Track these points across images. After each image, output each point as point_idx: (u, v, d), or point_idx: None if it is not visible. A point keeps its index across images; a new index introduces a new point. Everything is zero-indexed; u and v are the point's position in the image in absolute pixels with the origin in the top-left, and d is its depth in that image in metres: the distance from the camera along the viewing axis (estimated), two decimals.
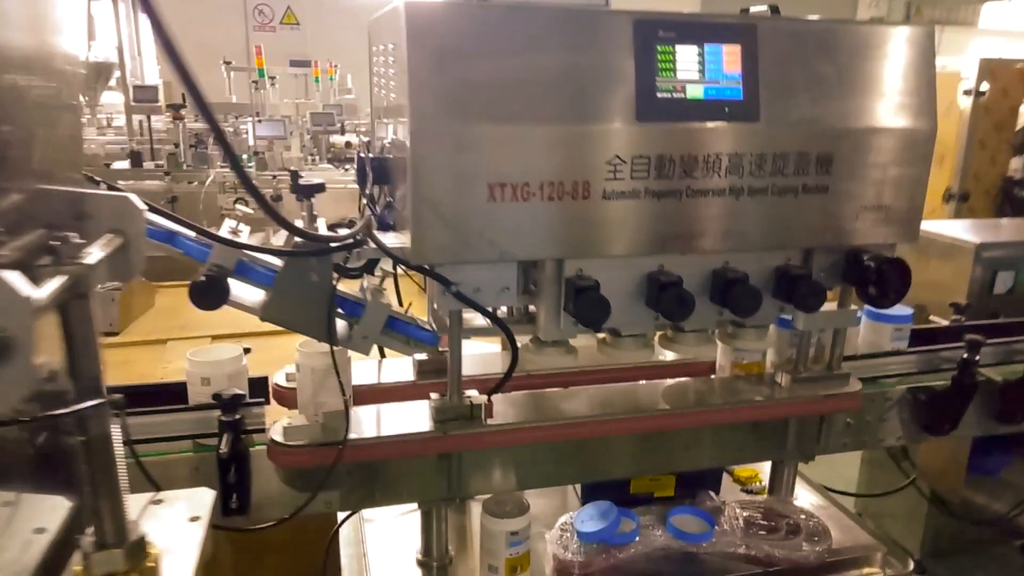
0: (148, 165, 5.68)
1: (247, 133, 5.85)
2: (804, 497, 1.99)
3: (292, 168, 4.92)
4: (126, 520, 0.81)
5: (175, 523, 0.96)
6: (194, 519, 0.98)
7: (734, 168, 1.37)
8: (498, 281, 1.37)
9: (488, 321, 1.40)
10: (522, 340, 1.49)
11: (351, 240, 1.34)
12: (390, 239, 1.37)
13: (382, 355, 1.82)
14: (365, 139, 1.74)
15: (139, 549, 0.83)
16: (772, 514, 1.80)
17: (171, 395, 1.55)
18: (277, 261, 1.35)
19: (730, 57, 1.34)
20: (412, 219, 1.25)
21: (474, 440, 1.45)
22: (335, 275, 1.37)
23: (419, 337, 1.51)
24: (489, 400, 1.46)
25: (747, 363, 1.76)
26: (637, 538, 1.71)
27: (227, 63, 7.98)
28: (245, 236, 1.39)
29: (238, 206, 4.63)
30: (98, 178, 1.16)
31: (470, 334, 1.47)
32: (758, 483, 2.05)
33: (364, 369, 1.78)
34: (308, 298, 1.36)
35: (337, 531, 1.83)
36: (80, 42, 1.01)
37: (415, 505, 1.66)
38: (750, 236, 1.43)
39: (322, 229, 1.44)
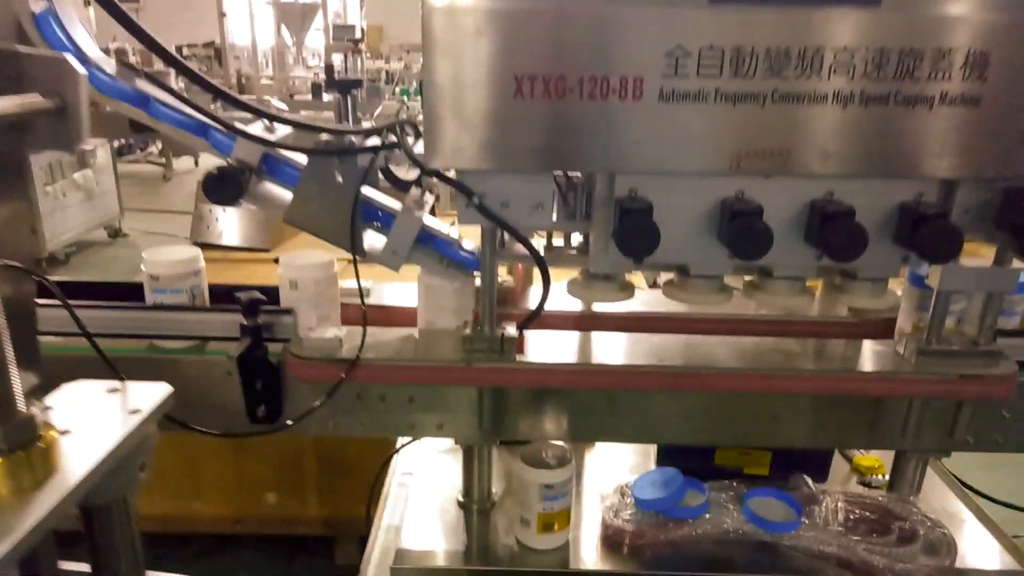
0: (327, 98, 5.96)
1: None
2: (938, 500, 1.62)
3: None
4: (13, 397, 0.76)
5: (111, 413, 0.91)
6: (134, 412, 0.92)
7: (842, 67, 1.05)
8: (531, 196, 1.18)
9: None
10: None
11: (378, 140, 1.21)
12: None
13: None
14: None
15: (27, 428, 0.77)
16: (884, 514, 1.48)
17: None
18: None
19: None
20: (425, 114, 1.09)
21: (498, 375, 1.29)
22: (381, 184, 1.26)
23: (457, 258, 1.36)
24: (521, 333, 1.28)
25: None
26: (705, 515, 1.47)
27: None
28: None
29: None
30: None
31: (508, 258, 1.30)
32: (881, 476, 1.70)
33: None
34: (333, 202, 1.26)
35: (391, 457, 1.77)
36: None
37: None
38: (862, 159, 1.11)
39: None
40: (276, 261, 1.45)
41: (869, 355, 1.35)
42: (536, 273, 1.31)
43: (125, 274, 5.31)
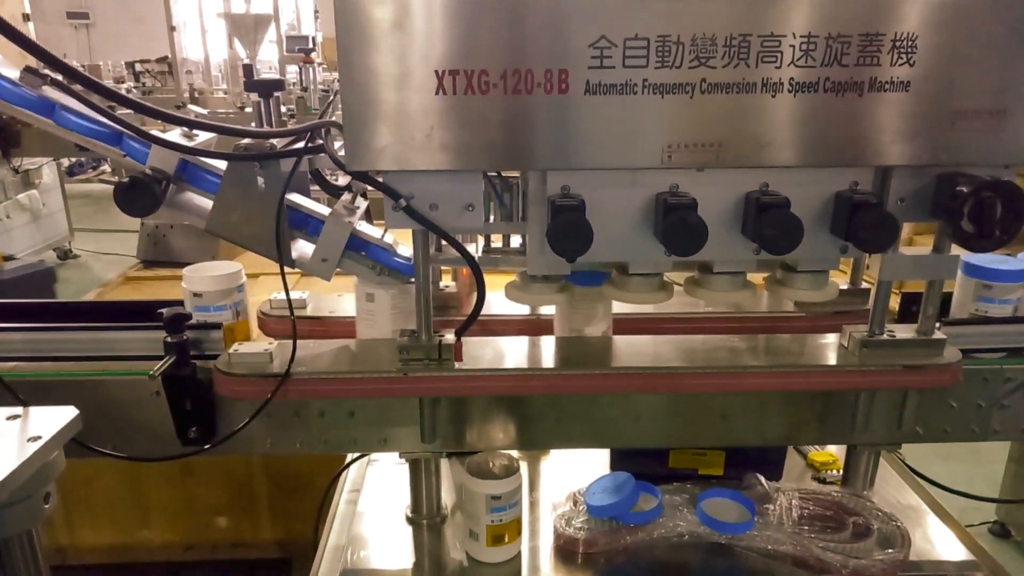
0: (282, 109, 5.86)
1: None
2: (893, 493, 1.61)
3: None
4: None
5: (6, 441, 0.85)
6: (34, 439, 0.86)
7: (769, 55, 1.03)
8: (460, 197, 1.13)
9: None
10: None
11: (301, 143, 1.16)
12: None
13: None
14: None
15: None
16: (838, 510, 1.46)
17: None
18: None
19: None
20: (344, 114, 1.04)
21: (435, 384, 1.24)
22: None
23: (391, 264, 1.31)
24: (458, 341, 1.24)
25: None
26: (659, 519, 1.44)
27: None
28: None
29: None
30: None
31: (442, 262, 1.25)
32: (835, 471, 1.68)
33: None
34: (256, 210, 1.20)
35: (340, 474, 1.71)
36: None
37: None
38: (794, 149, 1.09)
39: None
40: None
41: (815, 349, 1.33)
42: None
43: (75, 296, 5.15)
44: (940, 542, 1.47)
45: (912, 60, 1.04)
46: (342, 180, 1.38)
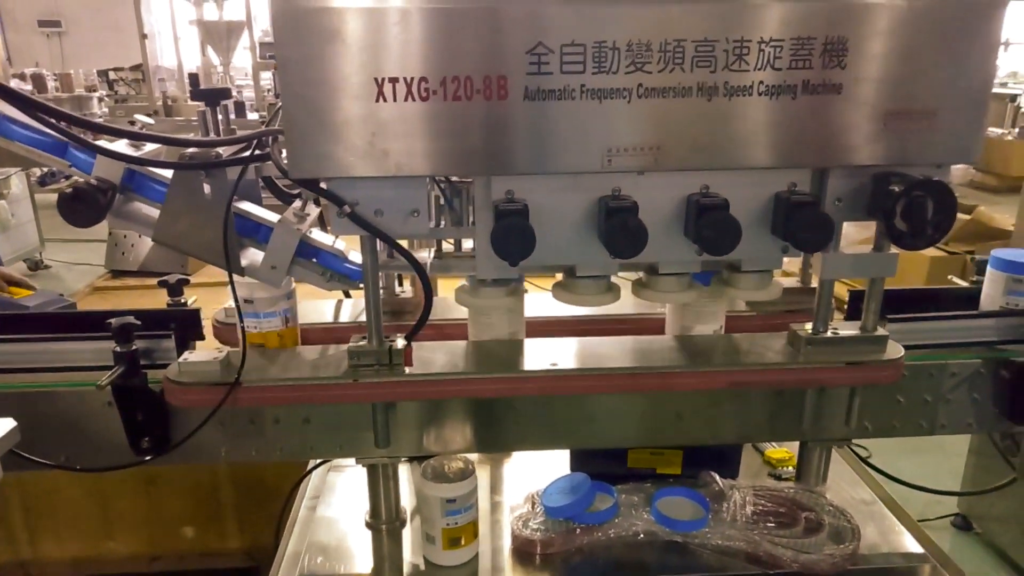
0: (253, 116, 5.83)
1: None
2: (848, 489, 1.64)
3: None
4: None
5: None
6: None
7: (703, 60, 1.05)
8: (405, 202, 1.14)
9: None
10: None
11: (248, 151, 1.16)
12: None
13: (346, 295, 1.65)
14: None
15: None
16: (791, 506, 1.48)
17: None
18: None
19: None
20: (284, 121, 1.05)
21: (385, 389, 1.24)
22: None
23: (342, 271, 1.32)
24: (408, 345, 1.24)
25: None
26: (614, 519, 1.45)
27: None
28: None
29: None
30: None
31: (392, 268, 1.26)
32: (791, 468, 1.71)
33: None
34: (203, 218, 1.20)
35: (301, 481, 1.71)
36: None
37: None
38: (731, 151, 1.11)
39: None
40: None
41: (763, 347, 1.35)
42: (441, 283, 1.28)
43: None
44: (891, 536, 1.49)
45: (843, 63, 1.06)
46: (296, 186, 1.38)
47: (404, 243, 1.39)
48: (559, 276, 1.30)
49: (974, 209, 4.87)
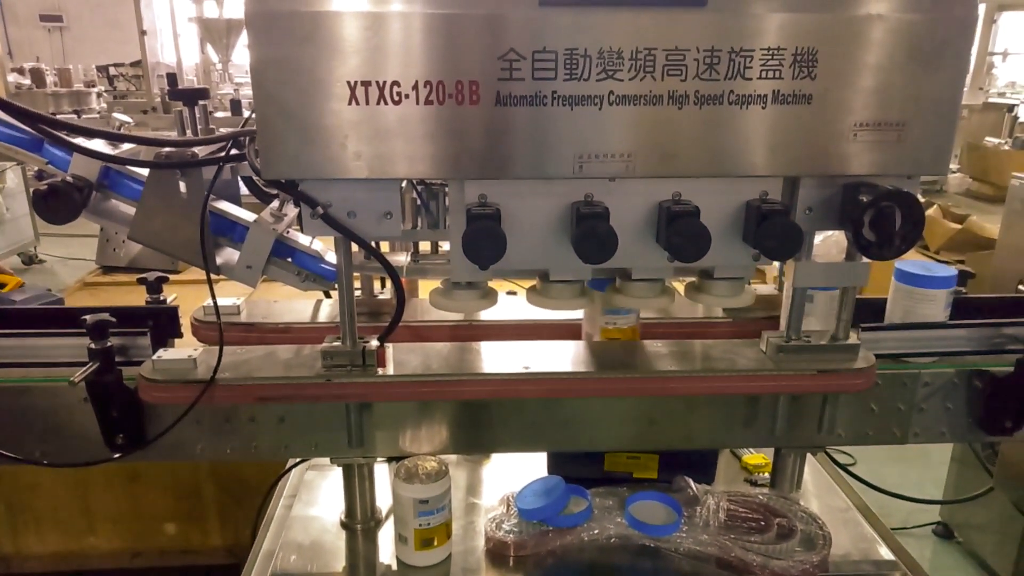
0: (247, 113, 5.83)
1: None
2: (823, 497, 1.65)
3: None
4: None
5: None
6: None
7: (674, 68, 1.06)
8: (378, 205, 1.15)
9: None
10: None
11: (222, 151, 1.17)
12: None
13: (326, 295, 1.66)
14: None
15: None
16: (765, 512, 1.49)
17: None
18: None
19: None
20: (258, 123, 1.06)
21: (358, 390, 1.25)
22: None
23: (315, 270, 1.32)
24: (382, 346, 1.25)
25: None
26: (588, 522, 1.46)
27: None
28: None
29: None
30: None
31: (368, 270, 1.27)
32: (766, 474, 1.72)
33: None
34: (179, 217, 1.21)
35: (279, 479, 1.72)
36: None
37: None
38: (701, 159, 1.12)
39: None
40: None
41: (736, 354, 1.35)
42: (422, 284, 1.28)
43: None
44: (863, 543, 1.50)
45: (813, 74, 1.07)
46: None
47: (384, 246, 1.41)
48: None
49: (966, 218, 4.89)
